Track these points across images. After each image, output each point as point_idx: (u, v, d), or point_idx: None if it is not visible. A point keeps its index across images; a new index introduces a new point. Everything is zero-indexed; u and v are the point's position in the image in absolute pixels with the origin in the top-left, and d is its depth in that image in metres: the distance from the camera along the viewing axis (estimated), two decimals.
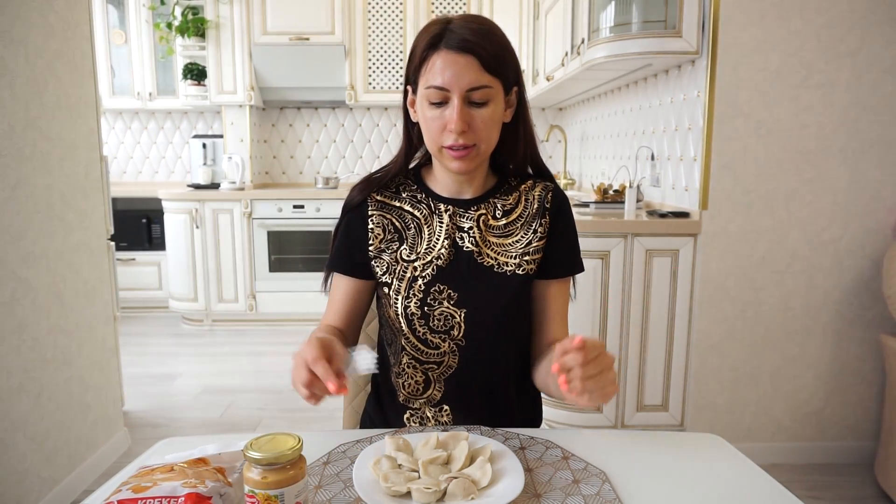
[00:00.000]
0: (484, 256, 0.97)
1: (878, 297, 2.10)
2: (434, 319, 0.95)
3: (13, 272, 1.71)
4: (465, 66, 0.86)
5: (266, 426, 2.51)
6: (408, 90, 0.96)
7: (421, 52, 0.89)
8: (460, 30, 0.87)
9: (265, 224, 3.84)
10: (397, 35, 4.03)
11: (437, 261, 0.96)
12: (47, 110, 1.87)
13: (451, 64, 0.86)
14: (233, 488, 0.64)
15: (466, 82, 0.86)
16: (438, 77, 0.87)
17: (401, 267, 0.96)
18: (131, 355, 3.36)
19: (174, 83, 4.24)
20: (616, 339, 2.15)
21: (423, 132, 0.94)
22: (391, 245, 0.98)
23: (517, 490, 0.66)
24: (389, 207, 1.00)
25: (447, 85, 0.86)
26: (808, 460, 2.19)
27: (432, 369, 0.98)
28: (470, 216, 0.98)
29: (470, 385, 0.98)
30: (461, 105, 0.87)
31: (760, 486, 0.73)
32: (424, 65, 0.88)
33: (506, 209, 1.00)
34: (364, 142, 4.47)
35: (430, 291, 0.95)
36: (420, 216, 0.99)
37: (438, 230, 0.98)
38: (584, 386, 0.73)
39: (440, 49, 0.87)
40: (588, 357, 0.74)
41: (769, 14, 1.98)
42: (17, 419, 1.71)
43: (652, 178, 2.52)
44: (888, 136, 2.04)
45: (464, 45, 0.86)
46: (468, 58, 0.86)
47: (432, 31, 0.88)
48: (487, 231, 0.98)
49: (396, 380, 1.01)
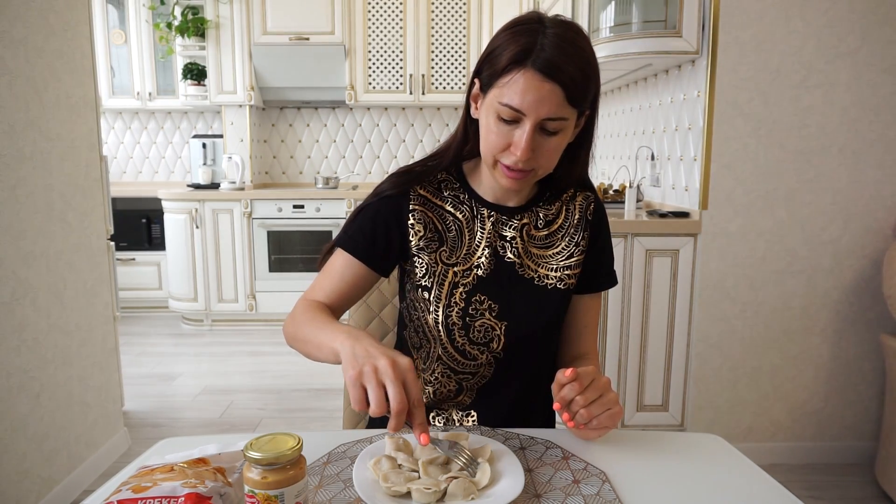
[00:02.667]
0: (525, 268, 0.94)
1: (878, 297, 2.10)
2: (474, 331, 0.92)
3: (13, 272, 1.71)
4: (548, 94, 0.79)
5: (266, 426, 2.51)
6: (475, 82, 0.89)
7: (505, 63, 0.81)
8: (552, 49, 0.78)
9: (265, 224, 3.84)
10: (397, 35, 4.03)
11: (478, 270, 0.93)
12: (47, 110, 1.87)
13: (535, 90, 0.79)
14: (233, 488, 0.64)
15: (545, 112, 0.80)
16: (517, 98, 0.80)
17: (441, 269, 0.93)
18: (131, 355, 3.36)
19: (174, 83, 4.24)
20: (616, 339, 2.15)
21: (482, 137, 0.88)
22: (431, 244, 0.93)
23: (517, 490, 0.66)
24: (432, 205, 0.95)
25: (525, 109, 0.80)
26: (808, 460, 2.19)
27: (467, 379, 0.96)
28: (513, 225, 0.95)
29: (501, 394, 0.97)
30: (532, 132, 0.81)
31: (760, 486, 0.73)
32: (505, 76, 0.81)
33: (548, 219, 0.97)
34: (364, 142, 4.47)
35: (471, 301, 0.92)
36: (462, 218, 0.95)
37: (480, 236, 0.94)
38: (589, 412, 0.74)
39: (526, 67, 0.79)
40: (583, 384, 0.75)
41: (769, 14, 1.98)
42: (17, 419, 1.71)
43: (652, 178, 2.52)
44: (888, 136, 2.04)
45: (552, 71, 0.78)
46: (553, 86, 0.78)
47: (522, 40, 0.80)
48: (529, 242, 0.95)
49: (425, 386, 0.98)
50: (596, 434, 0.80)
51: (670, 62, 2.20)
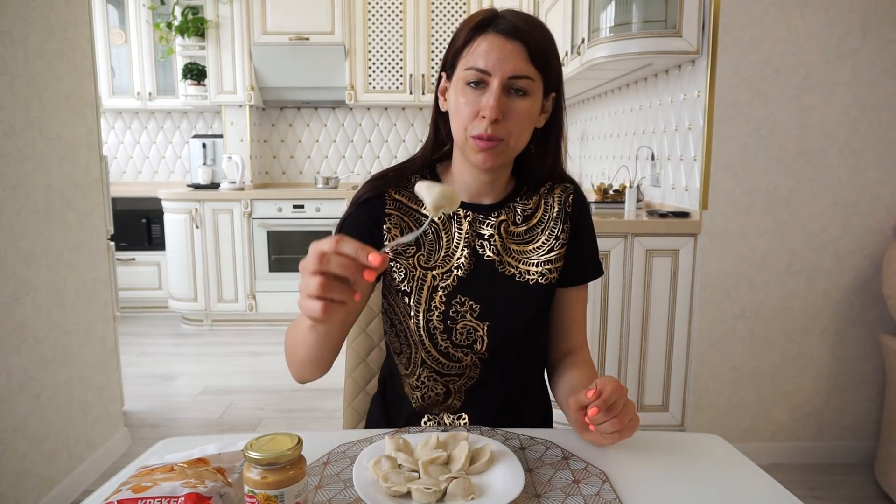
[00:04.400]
0: (505, 265, 0.93)
1: (878, 297, 2.10)
2: (456, 334, 0.91)
3: (13, 272, 1.71)
4: (511, 52, 0.82)
5: (266, 426, 2.51)
6: (441, 77, 0.92)
7: (466, 35, 0.85)
8: (511, 17, 0.84)
9: (265, 224, 3.84)
10: (397, 35, 4.03)
11: (457, 271, 0.92)
12: (47, 110, 1.87)
13: (498, 48, 0.82)
14: (233, 488, 0.64)
15: (510, 68, 0.82)
16: (482, 59, 0.83)
17: (419, 273, 0.92)
18: (131, 355, 3.36)
19: (174, 83, 4.24)
20: (616, 339, 2.15)
21: (451, 119, 0.89)
22: (408, 249, 0.93)
23: (517, 490, 0.66)
24: (407, 209, 0.95)
25: (490, 68, 0.82)
26: (808, 460, 2.19)
27: (453, 381, 0.95)
28: (490, 223, 0.94)
29: (491, 394, 0.96)
30: (499, 92, 0.83)
31: (760, 486, 0.73)
32: (468, 46, 0.85)
33: (526, 214, 0.96)
34: (364, 142, 4.47)
35: (452, 304, 0.91)
36: (438, 220, 0.95)
37: (457, 237, 0.93)
38: (613, 425, 0.75)
39: (488, 32, 0.84)
40: (608, 403, 0.74)
41: (769, 14, 1.98)
42: (17, 419, 1.71)
43: (652, 178, 2.52)
44: (888, 136, 2.04)
45: (513, 31, 0.83)
46: (516, 44, 0.82)
47: (480, 16, 0.86)
48: (508, 238, 0.94)
49: (412, 391, 0.98)
50: (610, 441, 0.79)
51: (670, 62, 2.20)
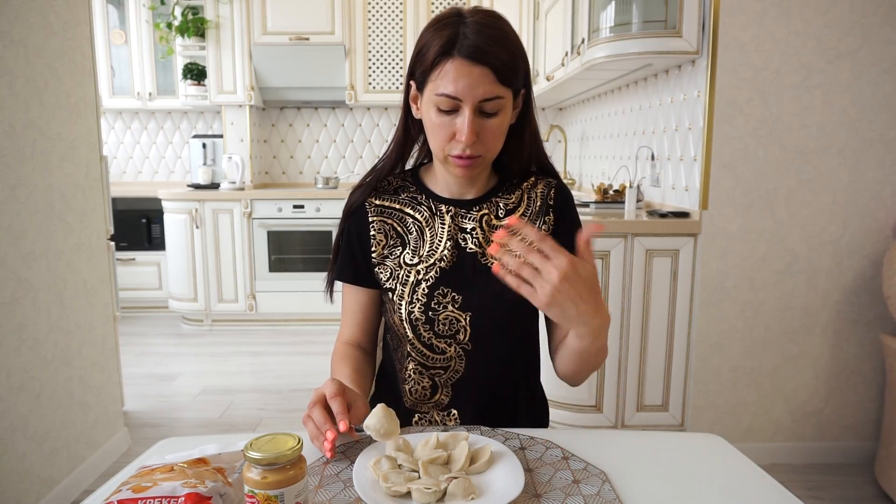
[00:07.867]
0: (487, 257, 0.95)
1: (878, 297, 2.10)
2: (439, 324, 0.94)
3: (13, 272, 1.71)
4: (478, 77, 0.83)
5: (266, 426, 2.51)
6: (411, 85, 0.93)
7: (433, 57, 0.85)
8: (474, 35, 0.83)
9: (265, 224, 3.84)
10: (397, 35, 4.03)
11: (440, 263, 0.94)
12: (47, 110, 1.87)
13: (465, 75, 0.83)
14: (233, 488, 0.64)
15: (480, 93, 0.84)
16: (451, 86, 0.84)
17: (404, 271, 0.95)
18: (131, 355, 3.36)
19: (174, 83, 4.24)
20: (616, 339, 2.15)
21: (428, 134, 0.92)
22: (394, 250, 0.97)
23: (517, 490, 0.66)
24: (390, 211, 0.99)
25: (460, 95, 0.84)
26: (808, 460, 2.19)
27: (439, 374, 0.97)
28: (472, 216, 0.97)
29: (478, 389, 0.97)
30: (472, 116, 0.85)
31: (760, 486, 0.73)
32: (435, 70, 0.85)
33: (508, 208, 0.98)
34: (364, 142, 4.47)
35: (434, 295, 0.93)
36: (421, 218, 0.98)
37: (440, 232, 0.96)
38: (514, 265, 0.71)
39: (453, 56, 0.83)
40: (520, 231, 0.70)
41: (769, 14, 1.98)
42: (17, 419, 1.71)
43: (652, 178, 2.52)
44: (888, 136, 2.04)
45: (478, 55, 0.82)
46: (482, 69, 0.83)
47: (445, 33, 0.84)
48: (490, 231, 0.97)
49: (402, 386, 1.00)
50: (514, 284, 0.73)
51: (670, 62, 2.20)
